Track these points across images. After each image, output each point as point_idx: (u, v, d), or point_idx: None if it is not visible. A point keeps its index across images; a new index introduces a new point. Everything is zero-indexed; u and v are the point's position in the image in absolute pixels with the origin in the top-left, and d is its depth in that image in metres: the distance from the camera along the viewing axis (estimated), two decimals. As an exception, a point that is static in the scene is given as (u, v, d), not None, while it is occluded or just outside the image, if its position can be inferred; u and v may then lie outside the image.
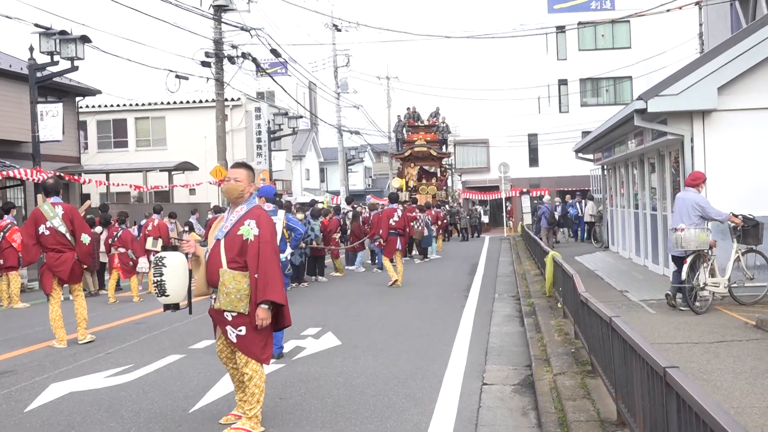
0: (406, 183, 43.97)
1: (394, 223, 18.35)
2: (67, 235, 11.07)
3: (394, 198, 19.69)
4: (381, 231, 18.46)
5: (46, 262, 11.09)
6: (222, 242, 6.35)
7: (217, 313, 6.33)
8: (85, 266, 13.05)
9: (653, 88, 13.49)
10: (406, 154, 44.98)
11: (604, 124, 18.31)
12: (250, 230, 6.28)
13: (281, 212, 11.02)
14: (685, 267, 11.44)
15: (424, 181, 44.52)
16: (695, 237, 11.37)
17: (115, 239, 17.17)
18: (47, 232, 11.00)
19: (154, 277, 6.41)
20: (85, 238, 11.24)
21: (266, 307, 6.21)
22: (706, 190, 12.20)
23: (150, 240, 17.66)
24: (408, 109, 47.56)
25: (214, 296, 6.38)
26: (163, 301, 6.46)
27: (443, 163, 47.35)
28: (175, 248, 6.44)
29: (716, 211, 11.56)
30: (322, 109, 66.27)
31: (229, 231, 6.36)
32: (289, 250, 11.48)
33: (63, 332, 10.97)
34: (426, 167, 45.15)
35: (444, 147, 46.88)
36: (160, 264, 6.32)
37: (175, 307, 6.52)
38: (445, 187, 46.63)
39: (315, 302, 15.41)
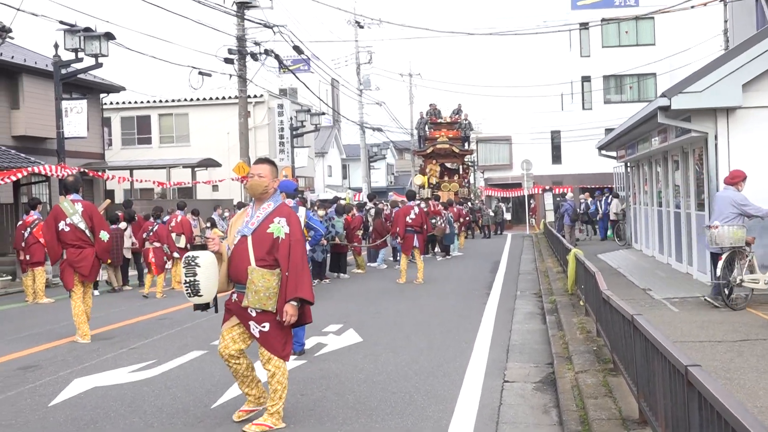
0: (428, 180, 43.91)
1: (410, 221, 18.33)
2: (87, 231, 11.23)
3: (410, 195, 19.64)
4: (398, 229, 18.52)
5: (67, 258, 11.22)
6: (249, 239, 6.30)
7: (241, 308, 6.29)
8: (108, 261, 13.16)
9: (677, 85, 13.43)
10: (428, 151, 44.91)
11: (628, 121, 18.21)
12: (280, 228, 6.25)
13: (302, 209, 11.00)
14: (720, 263, 11.40)
15: (446, 178, 44.44)
16: (729, 234, 11.33)
17: (151, 234, 17.34)
18: (67, 229, 11.17)
19: (186, 277, 6.16)
20: (104, 235, 11.39)
21: (295, 304, 6.23)
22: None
23: (173, 236, 17.78)
24: (431, 105, 47.47)
25: (235, 292, 6.37)
26: (195, 302, 6.30)
27: (465, 160, 47.19)
28: (203, 247, 6.27)
29: (755, 208, 11.47)
30: (344, 106, 66.29)
31: (257, 228, 6.31)
32: (308, 248, 11.48)
33: (86, 327, 11.08)
34: (448, 164, 45.04)
35: (466, 144, 46.70)
36: (192, 264, 6.12)
37: (206, 306, 6.39)
38: (466, 184, 46.45)
39: (336, 299, 15.44)
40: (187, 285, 6.18)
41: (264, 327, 6.23)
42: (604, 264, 19.49)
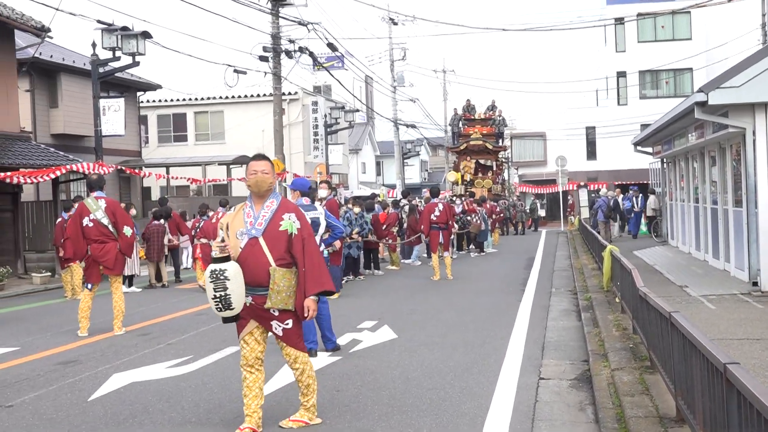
0: (462, 177, 43.82)
1: (435, 218, 18.28)
2: (110, 226, 11.60)
3: (435, 192, 19.53)
4: (422, 227, 18.52)
5: (91, 253, 11.63)
6: (262, 240, 6.12)
7: (260, 310, 6.16)
8: (142, 256, 13.29)
9: (714, 80, 13.30)
10: (462, 147, 44.82)
11: (664, 117, 18.06)
12: (292, 224, 6.19)
13: (320, 208, 10.92)
14: None
15: (480, 175, 44.33)
16: None
17: (198, 230, 17.81)
18: (91, 224, 11.56)
19: (216, 292, 5.93)
20: (127, 231, 11.78)
21: (315, 298, 6.25)
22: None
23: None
24: (468, 101, 47.38)
25: (248, 295, 6.13)
26: (227, 315, 6.09)
27: (499, 156, 47.00)
28: (227, 258, 6.02)
29: None
30: (378, 103, 66.45)
31: (267, 227, 6.15)
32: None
33: (87, 323, 11.50)
34: (482, 161, 44.90)
35: (500, 140, 46.50)
36: (222, 278, 5.90)
37: (236, 318, 6.19)
38: (500, 181, 46.22)
39: (371, 296, 15.48)
40: (218, 300, 5.96)
41: (288, 324, 6.21)
42: (640, 261, 19.35)
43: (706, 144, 16.91)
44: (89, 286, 11.68)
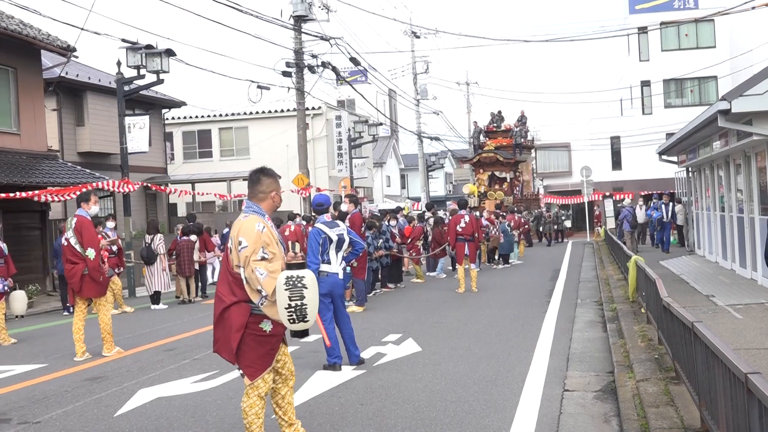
0: (478, 189, 43.74)
1: (461, 229, 18.24)
2: (77, 247, 11.20)
3: (462, 204, 19.44)
4: (449, 238, 18.53)
5: (65, 274, 11.48)
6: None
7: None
8: (173, 273, 13.19)
9: (737, 87, 13.22)
10: (475, 160, 44.83)
11: (687, 126, 17.97)
12: None
13: (343, 224, 10.87)
14: None
15: (496, 187, 44.20)
16: None
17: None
18: (65, 243, 11.35)
19: (292, 301, 5.33)
20: (90, 253, 11.18)
21: None
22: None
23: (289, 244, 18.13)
24: (495, 114, 47.24)
25: None
26: (299, 328, 5.48)
27: (520, 168, 46.72)
28: (302, 265, 5.49)
29: None
30: (402, 116, 66.50)
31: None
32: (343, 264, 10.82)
33: (83, 345, 11.17)
34: (497, 173, 44.70)
35: (519, 152, 46.07)
36: (300, 285, 5.34)
37: (306, 333, 5.68)
38: (515, 193, 45.71)
39: (396, 309, 15.47)
40: (293, 310, 5.36)
41: None
42: (666, 271, 19.22)
43: (730, 152, 16.81)
44: (86, 306, 11.49)
